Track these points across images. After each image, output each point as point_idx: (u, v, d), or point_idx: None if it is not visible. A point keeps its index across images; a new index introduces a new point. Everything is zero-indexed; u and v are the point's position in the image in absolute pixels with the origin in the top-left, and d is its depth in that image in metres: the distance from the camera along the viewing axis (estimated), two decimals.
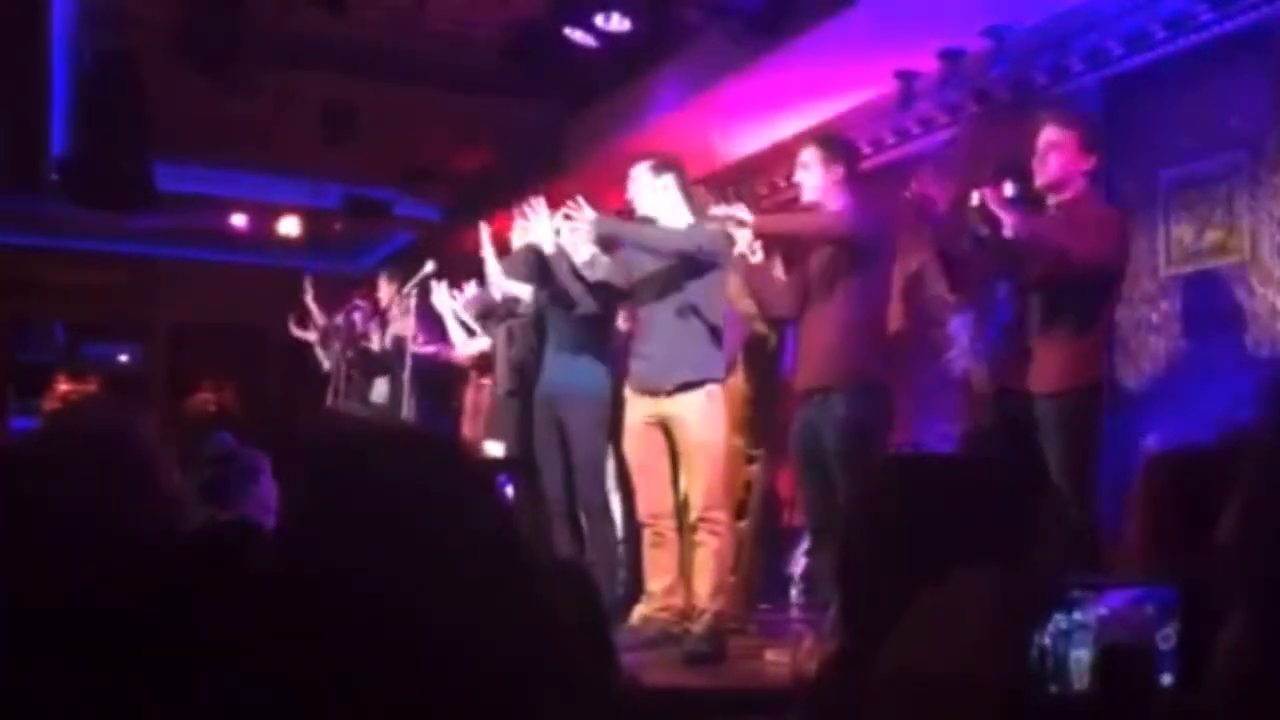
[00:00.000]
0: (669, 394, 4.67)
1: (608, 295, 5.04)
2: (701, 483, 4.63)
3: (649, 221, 4.86)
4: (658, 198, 4.83)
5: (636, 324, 4.97)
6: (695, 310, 4.68)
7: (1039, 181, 4.23)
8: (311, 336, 8.27)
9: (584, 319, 5.12)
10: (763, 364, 5.73)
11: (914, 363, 5.84)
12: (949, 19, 5.60)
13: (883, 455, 4.18)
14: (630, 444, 4.82)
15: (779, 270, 5.10)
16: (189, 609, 1.34)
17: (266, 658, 1.10)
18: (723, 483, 4.78)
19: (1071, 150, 4.17)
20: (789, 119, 6.72)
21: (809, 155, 4.73)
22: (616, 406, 4.99)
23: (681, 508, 4.79)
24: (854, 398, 4.41)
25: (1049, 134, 4.20)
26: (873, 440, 4.36)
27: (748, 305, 5.46)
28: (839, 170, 4.66)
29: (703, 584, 4.64)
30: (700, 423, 4.65)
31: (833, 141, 4.86)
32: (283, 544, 1.23)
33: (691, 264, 4.67)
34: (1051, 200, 4.25)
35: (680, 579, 4.80)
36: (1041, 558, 1.51)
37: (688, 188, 4.93)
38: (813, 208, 4.74)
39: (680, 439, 4.68)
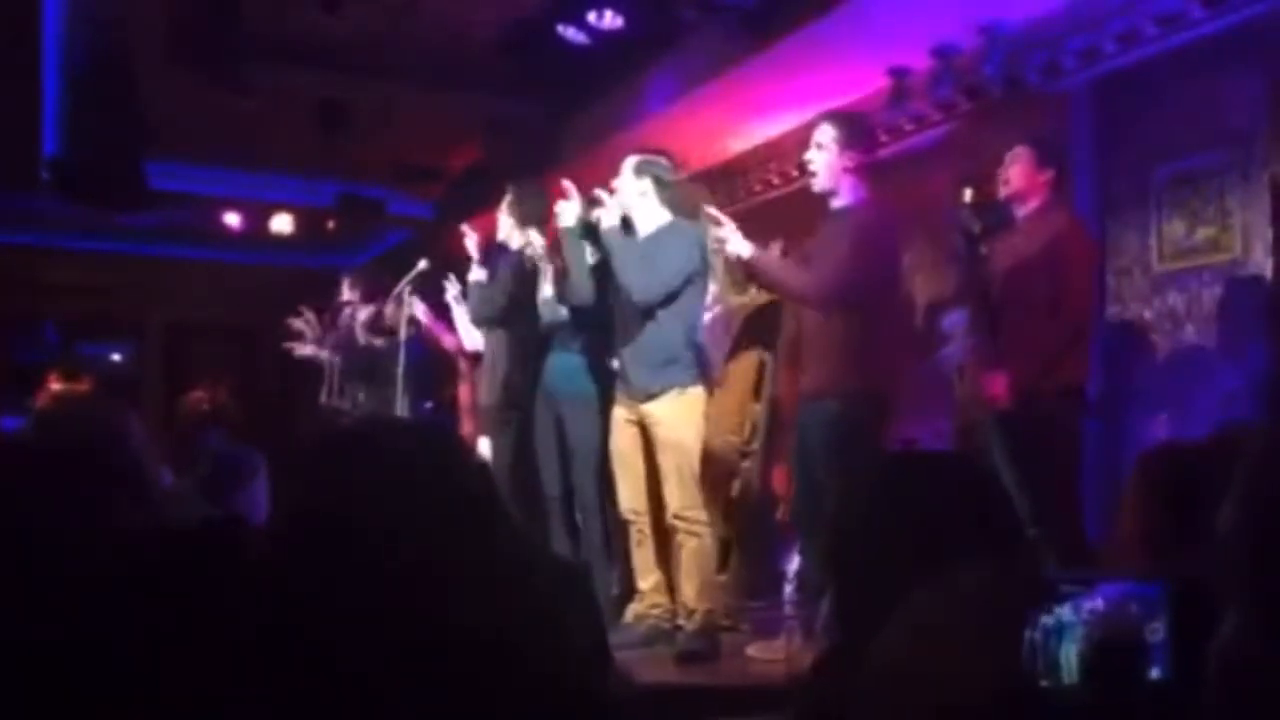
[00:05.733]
0: (642, 399, 4.69)
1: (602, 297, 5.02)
2: (675, 482, 4.63)
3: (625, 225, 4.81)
4: (635, 199, 4.79)
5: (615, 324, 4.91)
6: (670, 317, 4.68)
7: (1003, 193, 4.68)
8: (309, 350, 8.05)
9: (586, 319, 5.13)
10: (763, 346, 5.72)
11: (909, 359, 5.85)
12: (942, 16, 5.60)
13: (871, 456, 4.14)
14: (614, 441, 4.83)
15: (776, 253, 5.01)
16: (181, 604, 1.34)
17: (258, 652, 1.10)
18: (701, 482, 4.74)
19: (1028, 163, 4.61)
20: (782, 116, 6.73)
21: (824, 134, 4.44)
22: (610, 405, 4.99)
23: (658, 506, 4.79)
24: (849, 402, 4.30)
25: (1012, 151, 4.68)
26: (862, 443, 4.22)
27: (736, 299, 5.47)
28: (853, 156, 4.42)
29: (689, 584, 4.64)
30: (673, 422, 4.65)
31: (851, 123, 4.55)
32: (275, 540, 1.23)
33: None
34: (1019, 211, 4.65)
35: (664, 578, 4.81)
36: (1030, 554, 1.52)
37: (672, 187, 4.90)
38: (810, 267, 4.47)
39: (653, 438, 4.69)
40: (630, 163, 4.85)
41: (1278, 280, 4.80)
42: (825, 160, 4.44)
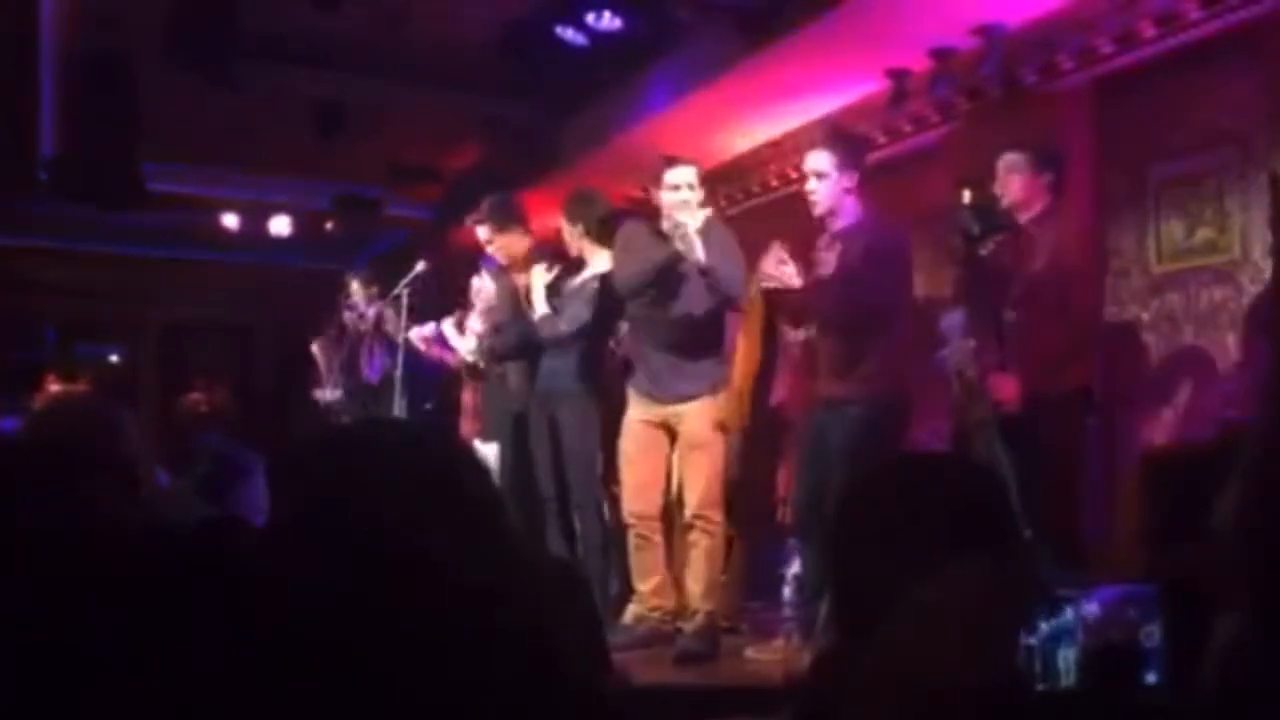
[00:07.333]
0: (673, 402, 4.71)
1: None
2: (700, 482, 4.66)
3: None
4: (696, 203, 4.76)
5: (641, 331, 4.90)
6: (700, 321, 4.69)
7: (1005, 202, 4.55)
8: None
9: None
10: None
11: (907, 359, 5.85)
12: (940, 17, 5.60)
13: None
14: (626, 442, 4.83)
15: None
16: (179, 604, 1.34)
17: (257, 651, 1.10)
18: (719, 482, 4.78)
19: (1025, 170, 4.52)
20: (781, 117, 6.73)
21: (824, 162, 4.45)
22: (612, 405, 5.00)
23: (674, 507, 4.80)
24: (872, 407, 4.35)
25: (1005, 160, 4.55)
26: (882, 445, 4.25)
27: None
28: (854, 176, 4.45)
29: (695, 583, 4.66)
30: (703, 424, 4.68)
31: (846, 143, 4.59)
32: (273, 539, 1.23)
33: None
34: (1022, 217, 4.53)
35: (669, 578, 4.81)
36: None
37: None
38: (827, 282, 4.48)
39: (682, 438, 4.71)
40: (690, 171, 4.75)
41: (1276, 281, 4.80)
42: (827, 187, 4.45)
